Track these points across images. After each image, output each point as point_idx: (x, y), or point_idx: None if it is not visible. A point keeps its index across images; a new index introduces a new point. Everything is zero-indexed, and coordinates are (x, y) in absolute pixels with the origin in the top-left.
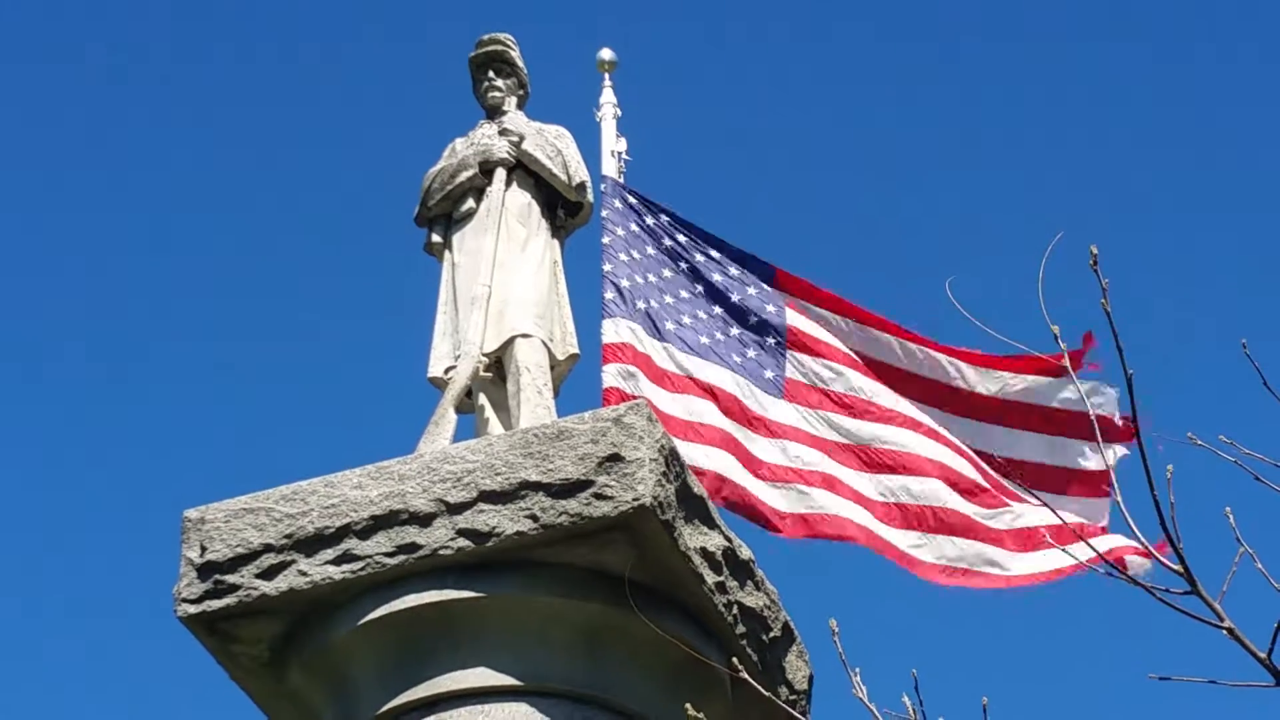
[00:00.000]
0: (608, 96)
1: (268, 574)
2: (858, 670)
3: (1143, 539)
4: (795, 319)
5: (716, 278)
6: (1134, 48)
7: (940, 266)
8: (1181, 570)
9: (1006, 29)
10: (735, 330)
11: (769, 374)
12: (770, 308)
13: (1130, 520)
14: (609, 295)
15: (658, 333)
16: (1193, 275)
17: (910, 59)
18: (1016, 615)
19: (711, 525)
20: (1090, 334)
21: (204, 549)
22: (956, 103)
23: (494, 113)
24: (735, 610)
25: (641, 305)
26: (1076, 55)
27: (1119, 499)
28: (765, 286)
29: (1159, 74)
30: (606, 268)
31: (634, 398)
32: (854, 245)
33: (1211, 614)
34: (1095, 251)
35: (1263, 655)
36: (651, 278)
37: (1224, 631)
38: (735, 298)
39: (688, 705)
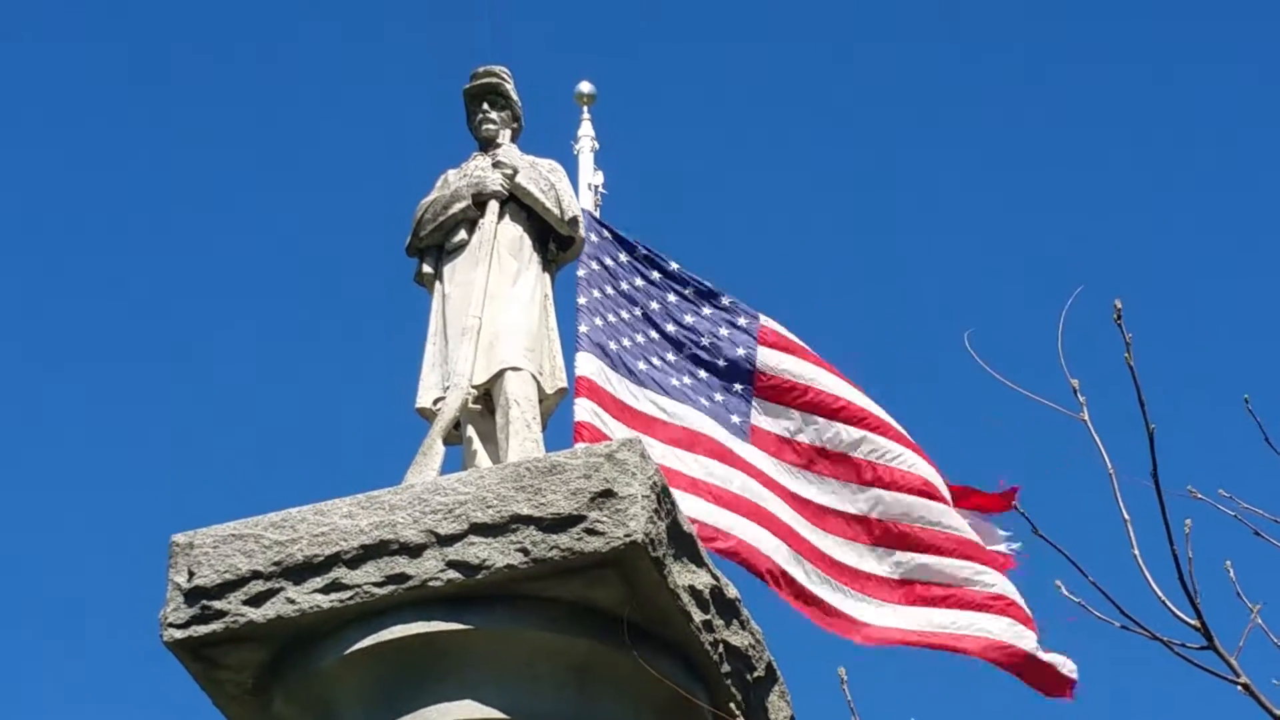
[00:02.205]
0: (586, 129)
1: (255, 601)
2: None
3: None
4: (766, 358)
5: (688, 319)
6: (1155, 102)
7: (956, 319)
8: (1198, 625)
9: (1025, 79)
10: (703, 374)
11: (735, 419)
12: (740, 351)
13: (1147, 573)
14: (583, 329)
15: (629, 372)
16: (1197, 330)
17: (914, 102)
18: None
19: (699, 563)
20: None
21: (192, 574)
22: (972, 148)
23: (487, 145)
24: (721, 649)
25: (612, 345)
26: (1097, 109)
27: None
28: (737, 326)
29: (1179, 131)
30: (581, 301)
31: (604, 436)
32: (851, 295)
33: (1227, 669)
34: (1119, 306)
35: (1278, 712)
36: (625, 314)
37: (1239, 687)
38: (705, 341)
39: None
